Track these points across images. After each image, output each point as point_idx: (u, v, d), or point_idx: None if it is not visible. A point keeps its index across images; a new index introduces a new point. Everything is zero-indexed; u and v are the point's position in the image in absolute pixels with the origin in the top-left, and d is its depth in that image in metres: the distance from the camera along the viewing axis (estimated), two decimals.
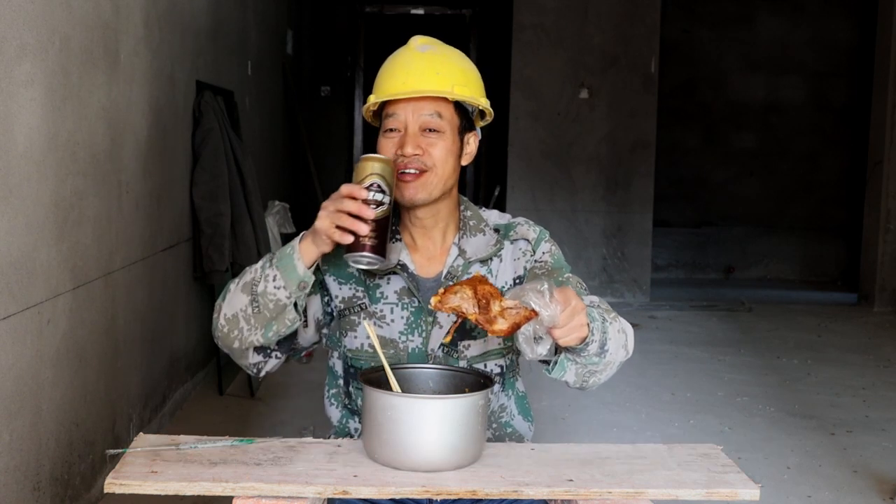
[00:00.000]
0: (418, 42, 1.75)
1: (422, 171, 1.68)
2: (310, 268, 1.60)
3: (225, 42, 4.95)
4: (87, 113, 2.84)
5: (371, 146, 1.81)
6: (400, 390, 1.56)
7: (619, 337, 1.65)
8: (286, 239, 5.56)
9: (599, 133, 7.03)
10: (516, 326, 1.48)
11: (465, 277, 1.70)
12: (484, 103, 1.75)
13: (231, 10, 5.11)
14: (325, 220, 1.55)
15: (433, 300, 1.51)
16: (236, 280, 1.68)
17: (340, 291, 1.75)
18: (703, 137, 8.66)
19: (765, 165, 8.64)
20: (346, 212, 1.54)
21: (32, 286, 2.43)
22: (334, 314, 1.77)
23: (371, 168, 1.57)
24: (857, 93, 8.43)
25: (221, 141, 4.30)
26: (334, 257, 1.71)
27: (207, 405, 4.18)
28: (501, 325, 1.48)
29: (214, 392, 4.34)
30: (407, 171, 1.67)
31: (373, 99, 1.74)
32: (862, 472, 3.57)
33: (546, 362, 1.65)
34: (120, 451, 1.46)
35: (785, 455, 3.75)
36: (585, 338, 1.55)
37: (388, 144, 1.69)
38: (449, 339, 1.60)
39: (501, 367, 1.78)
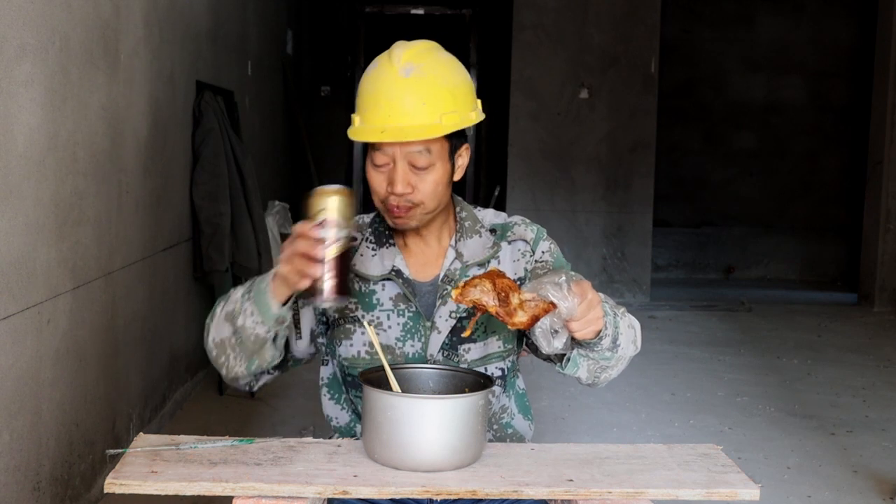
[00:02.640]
0: (402, 61, 1.64)
1: (410, 207, 1.66)
2: (285, 304, 1.58)
3: (225, 42, 4.95)
4: (87, 113, 2.84)
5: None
6: (400, 390, 1.56)
7: (629, 332, 1.66)
8: (286, 239, 5.56)
9: (599, 133, 7.03)
10: (535, 319, 1.49)
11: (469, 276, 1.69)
12: (474, 118, 1.69)
13: (231, 10, 5.11)
14: (285, 264, 1.53)
15: (453, 293, 1.51)
16: (221, 303, 1.66)
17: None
18: (703, 137, 8.65)
19: (765, 165, 8.64)
20: (299, 253, 1.50)
21: (32, 286, 2.43)
22: (329, 322, 1.76)
23: (320, 203, 1.52)
24: (857, 93, 8.42)
25: (221, 141, 4.30)
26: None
27: (207, 405, 4.18)
28: (521, 317, 1.48)
29: (214, 392, 4.34)
30: (398, 207, 1.65)
31: (357, 133, 1.67)
32: (862, 472, 3.57)
33: (558, 359, 1.65)
34: (120, 451, 1.46)
35: (785, 455, 3.75)
36: (601, 331, 1.56)
37: (378, 179, 1.67)
38: (469, 332, 1.59)
39: (503, 370, 1.76)
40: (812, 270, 8.63)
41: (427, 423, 1.43)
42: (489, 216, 1.83)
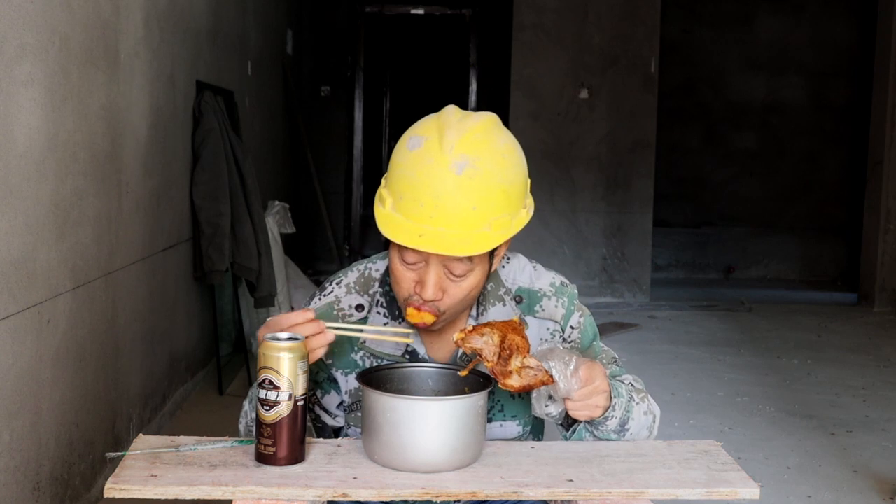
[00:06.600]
0: (454, 151, 1.40)
1: (435, 313, 1.50)
2: None
3: (225, 42, 4.95)
4: (87, 113, 2.84)
5: (370, 147, 1.78)
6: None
7: (645, 419, 1.61)
8: (286, 239, 5.56)
9: (599, 133, 7.03)
10: (528, 388, 1.47)
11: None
12: (524, 218, 1.50)
13: (231, 10, 5.11)
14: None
15: (457, 335, 1.46)
16: (247, 402, 1.60)
17: (348, 384, 1.63)
18: (703, 137, 8.65)
19: (765, 165, 8.64)
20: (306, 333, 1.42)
21: (32, 286, 2.43)
22: (348, 406, 1.67)
23: (262, 360, 1.39)
24: (857, 93, 8.43)
25: (221, 141, 4.30)
26: (337, 347, 1.60)
27: (207, 405, 4.17)
28: (514, 381, 1.47)
29: (214, 392, 4.34)
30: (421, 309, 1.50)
31: (388, 225, 1.43)
32: (862, 472, 3.57)
33: (565, 426, 1.62)
34: (119, 454, 1.46)
35: (785, 455, 3.75)
36: (598, 417, 1.53)
37: (406, 276, 1.49)
38: (465, 373, 1.53)
39: (519, 433, 1.70)
40: (812, 270, 8.64)
41: (427, 425, 1.43)
42: (513, 272, 1.65)
